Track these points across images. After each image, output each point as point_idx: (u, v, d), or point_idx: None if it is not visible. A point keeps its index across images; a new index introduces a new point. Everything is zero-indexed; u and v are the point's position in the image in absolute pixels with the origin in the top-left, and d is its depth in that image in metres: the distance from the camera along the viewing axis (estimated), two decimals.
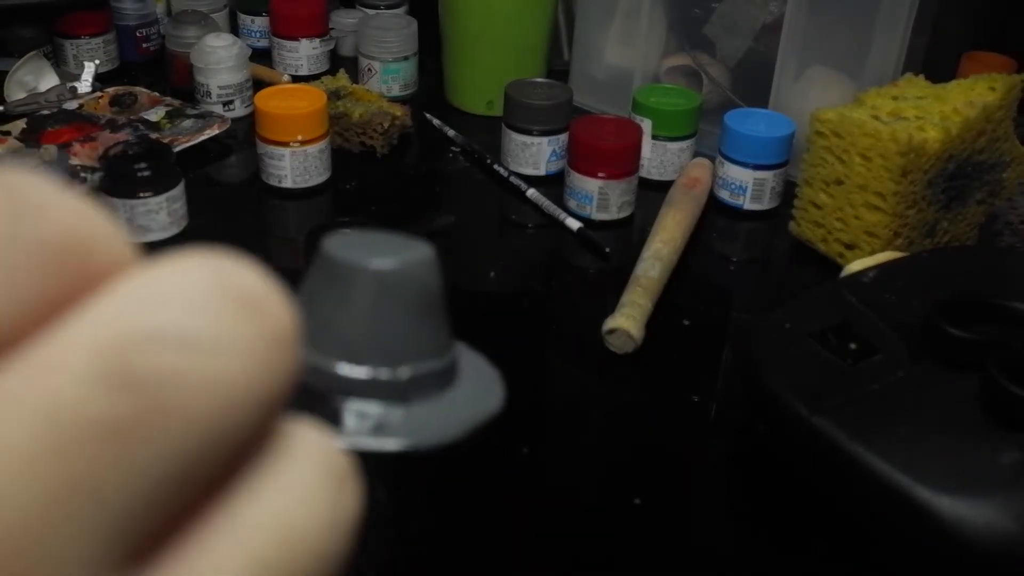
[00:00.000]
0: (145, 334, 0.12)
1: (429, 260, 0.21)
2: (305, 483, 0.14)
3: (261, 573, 0.13)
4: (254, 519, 0.13)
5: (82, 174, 0.80)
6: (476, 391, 0.23)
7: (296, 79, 1.01)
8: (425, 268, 0.21)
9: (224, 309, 0.13)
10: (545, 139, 0.86)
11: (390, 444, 0.20)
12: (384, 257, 0.21)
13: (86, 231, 0.13)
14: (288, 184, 0.83)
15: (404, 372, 0.21)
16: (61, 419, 0.11)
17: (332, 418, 0.20)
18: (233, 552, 0.13)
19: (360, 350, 0.21)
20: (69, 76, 0.97)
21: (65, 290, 0.13)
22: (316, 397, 0.21)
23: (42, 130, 0.85)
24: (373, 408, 0.21)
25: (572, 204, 0.82)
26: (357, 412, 0.21)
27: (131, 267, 0.13)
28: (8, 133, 0.84)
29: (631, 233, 0.82)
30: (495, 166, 0.87)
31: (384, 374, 0.21)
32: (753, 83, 0.89)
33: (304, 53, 1.04)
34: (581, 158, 0.80)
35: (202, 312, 0.12)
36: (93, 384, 0.11)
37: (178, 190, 0.75)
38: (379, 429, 0.20)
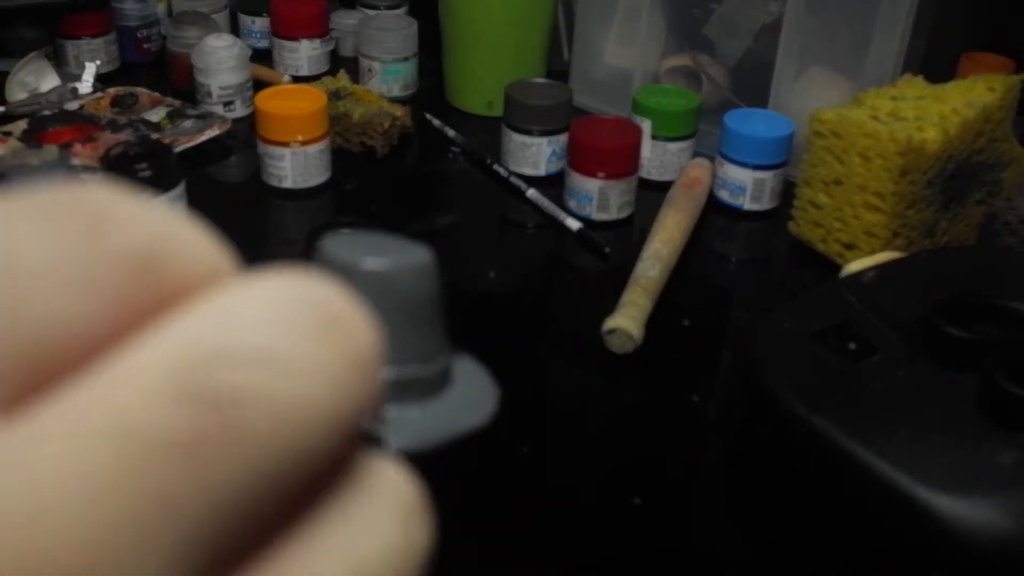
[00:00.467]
0: (219, 350, 0.12)
1: (424, 265, 0.21)
2: (379, 517, 0.14)
3: None
4: (327, 550, 0.13)
5: (83, 175, 0.80)
6: (465, 403, 0.22)
7: (296, 79, 1.02)
8: (418, 273, 0.21)
9: (304, 328, 0.12)
10: (545, 139, 0.86)
11: None
12: (377, 258, 0.21)
13: (165, 246, 0.13)
14: (288, 184, 0.83)
15: (385, 375, 0.21)
16: (134, 436, 0.11)
17: None
18: None
19: None
20: (70, 77, 0.97)
21: (141, 306, 0.13)
22: None
23: (43, 131, 0.86)
24: None
25: (572, 204, 0.82)
26: None
27: (220, 281, 0.13)
28: (9, 134, 0.84)
29: (631, 233, 0.82)
30: (495, 166, 0.88)
31: None
32: (752, 83, 0.89)
33: (304, 54, 1.05)
34: (581, 158, 0.80)
35: (280, 330, 0.12)
36: (165, 401, 0.11)
37: (179, 190, 0.75)
38: None
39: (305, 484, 0.13)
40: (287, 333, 0.12)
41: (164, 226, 0.13)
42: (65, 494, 0.11)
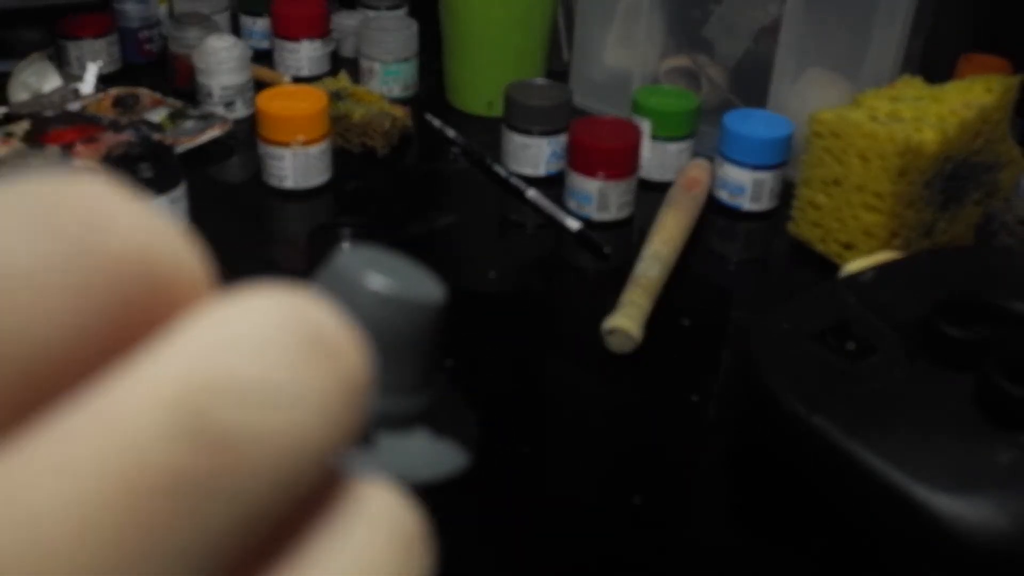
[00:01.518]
0: (222, 386, 0.11)
1: (430, 303, 0.20)
2: (372, 546, 0.13)
3: None
4: (320, 574, 0.13)
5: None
6: (433, 449, 0.22)
7: (297, 80, 1.02)
8: (421, 309, 0.20)
9: (299, 355, 0.12)
10: (545, 140, 0.86)
11: None
12: (386, 281, 0.20)
13: (161, 251, 0.12)
14: (289, 185, 0.83)
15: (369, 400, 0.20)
16: (137, 474, 0.11)
17: None
18: None
19: None
20: (72, 77, 0.97)
21: (133, 318, 0.12)
22: None
23: (45, 131, 0.86)
24: None
25: (572, 204, 0.82)
26: None
27: (204, 294, 0.13)
28: (12, 134, 0.85)
29: (631, 233, 0.82)
30: (495, 167, 0.88)
31: None
32: (752, 84, 0.90)
33: (305, 54, 1.05)
34: (581, 159, 0.81)
35: (275, 358, 0.12)
36: (167, 439, 0.11)
37: (180, 191, 0.75)
38: None
39: (294, 509, 0.12)
40: (281, 361, 0.12)
41: (158, 231, 0.12)
42: (60, 529, 0.11)
